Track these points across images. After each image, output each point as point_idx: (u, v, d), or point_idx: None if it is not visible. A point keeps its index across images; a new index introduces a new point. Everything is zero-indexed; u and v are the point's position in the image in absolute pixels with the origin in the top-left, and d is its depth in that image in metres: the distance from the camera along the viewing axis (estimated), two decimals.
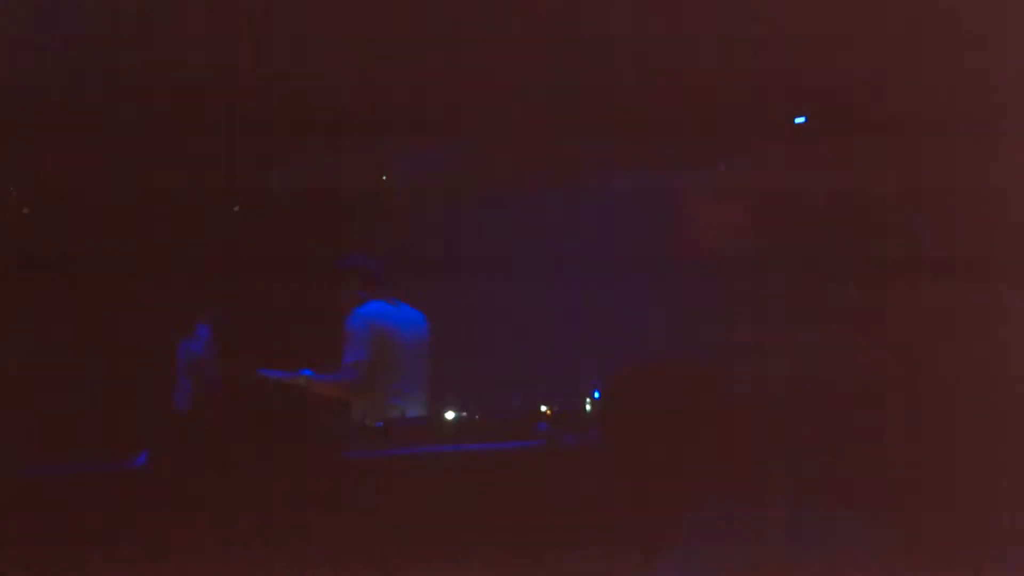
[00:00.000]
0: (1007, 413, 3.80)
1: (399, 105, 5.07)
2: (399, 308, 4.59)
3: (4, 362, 5.77)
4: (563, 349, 5.97)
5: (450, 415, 4.07)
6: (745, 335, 5.55)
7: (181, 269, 5.88)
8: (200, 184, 5.70)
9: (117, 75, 4.72)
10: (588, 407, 4.05)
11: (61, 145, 5.39)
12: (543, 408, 4.02)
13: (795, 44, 4.51)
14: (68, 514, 2.67)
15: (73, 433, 5.31)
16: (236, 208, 6.49)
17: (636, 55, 4.67)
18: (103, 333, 6.04)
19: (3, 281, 5.55)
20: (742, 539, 1.72)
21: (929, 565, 1.89)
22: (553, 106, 5.22)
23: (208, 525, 2.64)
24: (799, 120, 5.51)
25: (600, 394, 3.78)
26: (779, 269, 5.51)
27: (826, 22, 4.30)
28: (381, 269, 4.64)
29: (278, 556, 2.74)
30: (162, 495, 2.74)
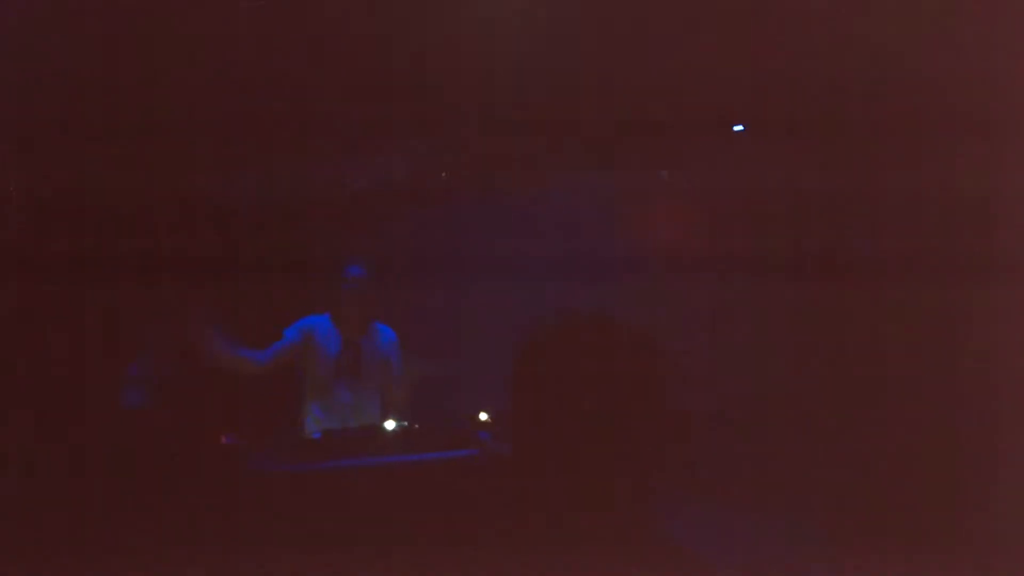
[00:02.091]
0: (1004, 415, 3.82)
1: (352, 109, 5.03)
2: None
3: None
4: (504, 355, 5.96)
5: (389, 424, 4.04)
6: (696, 338, 5.59)
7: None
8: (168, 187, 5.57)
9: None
10: None
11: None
12: (483, 416, 4.01)
13: (738, 51, 4.56)
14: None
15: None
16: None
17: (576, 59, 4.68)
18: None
19: None
20: (719, 542, 1.52)
21: (929, 565, 1.87)
22: (492, 110, 5.22)
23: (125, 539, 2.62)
24: (737, 128, 5.56)
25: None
26: (719, 271, 5.57)
27: (772, 26, 4.34)
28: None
29: (210, 569, 2.71)
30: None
